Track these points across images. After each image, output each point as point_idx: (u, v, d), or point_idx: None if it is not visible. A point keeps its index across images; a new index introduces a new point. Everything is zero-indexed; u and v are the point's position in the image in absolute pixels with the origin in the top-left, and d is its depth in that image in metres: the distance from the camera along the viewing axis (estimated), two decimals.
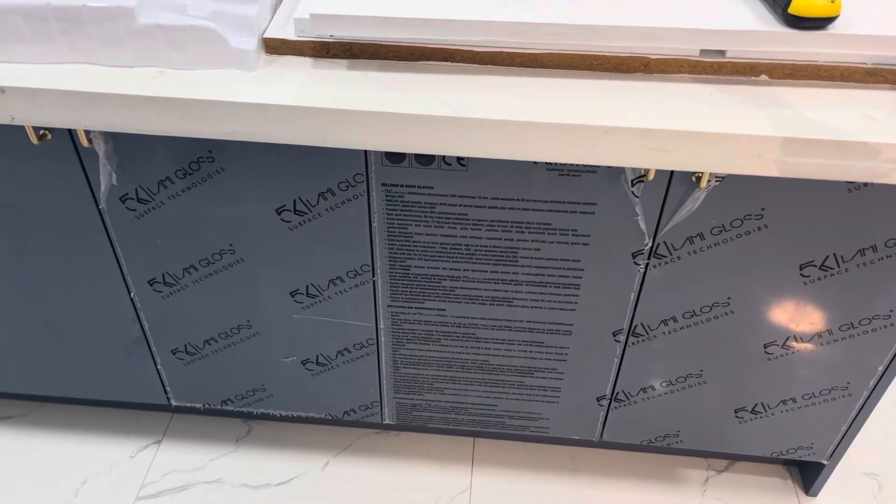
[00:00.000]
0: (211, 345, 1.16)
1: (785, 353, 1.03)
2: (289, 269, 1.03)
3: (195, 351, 1.18)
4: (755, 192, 0.86)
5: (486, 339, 1.09)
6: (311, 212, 0.95)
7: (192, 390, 1.25)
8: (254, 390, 1.23)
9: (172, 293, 1.09)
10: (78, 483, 1.27)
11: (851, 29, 0.66)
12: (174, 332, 1.15)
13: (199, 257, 1.04)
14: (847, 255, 0.91)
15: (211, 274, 1.05)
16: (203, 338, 1.15)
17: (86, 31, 0.68)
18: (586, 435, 1.22)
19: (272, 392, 1.23)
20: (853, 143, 0.64)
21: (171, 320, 1.13)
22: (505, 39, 0.69)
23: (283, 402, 1.24)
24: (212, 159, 0.91)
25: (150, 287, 1.09)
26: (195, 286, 1.08)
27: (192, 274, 1.06)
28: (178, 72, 0.70)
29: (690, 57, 0.69)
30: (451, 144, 0.67)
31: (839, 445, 1.15)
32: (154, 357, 1.19)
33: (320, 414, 1.25)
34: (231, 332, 1.14)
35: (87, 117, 0.69)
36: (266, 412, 1.27)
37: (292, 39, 0.71)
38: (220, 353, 1.17)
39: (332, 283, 1.04)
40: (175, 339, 1.17)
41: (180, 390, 1.25)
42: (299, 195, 0.94)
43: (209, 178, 0.93)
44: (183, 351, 1.18)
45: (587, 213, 0.91)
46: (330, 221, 0.96)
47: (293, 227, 0.98)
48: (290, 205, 0.95)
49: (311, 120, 0.67)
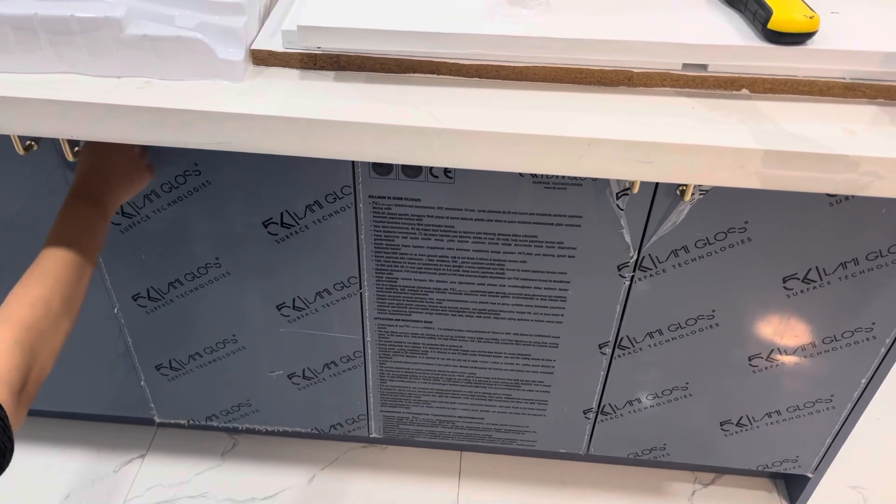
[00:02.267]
0: (196, 360, 1.16)
1: (769, 365, 1.04)
2: (275, 282, 1.03)
3: (180, 366, 1.17)
4: (739, 205, 0.87)
5: (473, 352, 1.09)
6: (297, 224, 0.95)
7: (177, 406, 1.24)
8: (239, 405, 1.22)
9: (157, 308, 1.09)
10: (61, 498, 1.26)
11: (830, 44, 0.67)
12: (159, 347, 1.15)
13: (184, 271, 1.03)
14: (829, 268, 0.92)
15: (196, 288, 1.05)
16: (188, 353, 1.15)
17: (73, 42, 0.68)
18: (573, 448, 1.22)
19: (258, 407, 1.22)
20: (833, 156, 0.65)
21: (156, 335, 1.12)
22: (491, 53, 0.70)
23: (269, 416, 1.24)
24: (198, 172, 0.91)
25: (134, 302, 1.08)
26: (180, 300, 1.07)
27: (177, 288, 1.06)
28: (166, 82, 0.70)
29: (673, 71, 0.70)
30: (437, 156, 0.68)
31: (824, 458, 1.16)
32: (138, 372, 1.18)
33: (307, 428, 1.25)
34: (216, 346, 1.13)
35: (75, 127, 0.69)
36: (252, 427, 1.26)
37: (280, 51, 0.71)
38: (204, 368, 1.17)
39: (319, 296, 1.04)
40: (159, 354, 1.16)
41: (164, 407, 1.24)
42: (286, 208, 0.94)
43: (195, 192, 0.93)
44: (167, 366, 1.17)
45: (573, 225, 0.92)
46: (317, 234, 0.96)
47: (280, 240, 0.98)
48: (277, 217, 0.95)
49: (297, 130, 0.67)
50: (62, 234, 0.78)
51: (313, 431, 1.25)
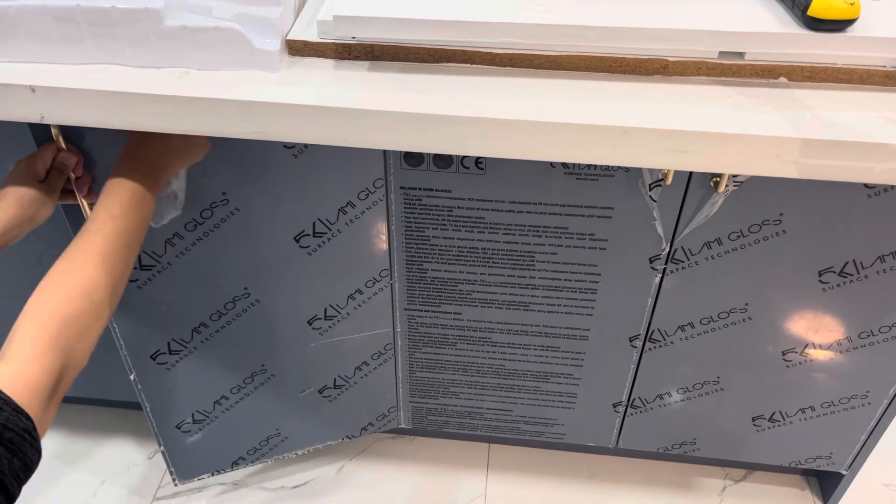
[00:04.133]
0: (221, 404, 1.13)
1: (803, 360, 1.03)
2: (307, 296, 1.02)
3: (203, 417, 1.14)
4: (773, 197, 0.86)
5: (502, 344, 1.09)
6: (330, 230, 0.95)
7: (198, 462, 1.21)
8: (267, 438, 1.20)
9: (179, 360, 1.06)
10: (96, 483, 1.29)
11: (871, 31, 0.66)
12: (180, 406, 1.11)
13: (210, 311, 1.01)
14: (867, 262, 0.90)
15: (224, 326, 1.04)
16: (213, 399, 1.12)
17: (114, 33, 0.70)
18: (602, 441, 1.21)
19: (287, 434, 1.20)
20: (872, 145, 0.64)
21: (178, 393, 1.08)
22: (524, 41, 0.70)
23: (299, 440, 1.22)
24: (226, 201, 0.91)
25: (153, 361, 1.05)
26: (206, 344, 1.05)
27: (202, 332, 1.03)
28: (204, 72, 0.71)
29: (709, 59, 0.69)
30: (470, 145, 0.68)
31: (858, 455, 1.14)
32: (157, 437, 1.15)
33: (337, 439, 1.23)
34: (244, 382, 1.11)
35: (116, 117, 0.71)
36: (281, 457, 1.24)
37: (315, 41, 0.72)
38: (231, 411, 1.14)
39: (351, 298, 1.03)
40: (181, 413, 1.13)
41: (184, 467, 1.21)
42: (319, 216, 0.94)
43: (223, 223, 0.92)
44: (190, 421, 1.14)
45: (604, 217, 0.92)
46: (350, 235, 0.96)
47: (312, 251, 0.97)
48: (310, 228, 0.95)
49: (332, 120, 0.68)
50: (109, 210, 0.71)
51: (344, 440, 1.24)
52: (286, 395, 1.14)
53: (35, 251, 1.03)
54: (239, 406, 1.14)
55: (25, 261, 1.05)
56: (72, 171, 0.83)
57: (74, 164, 0.82)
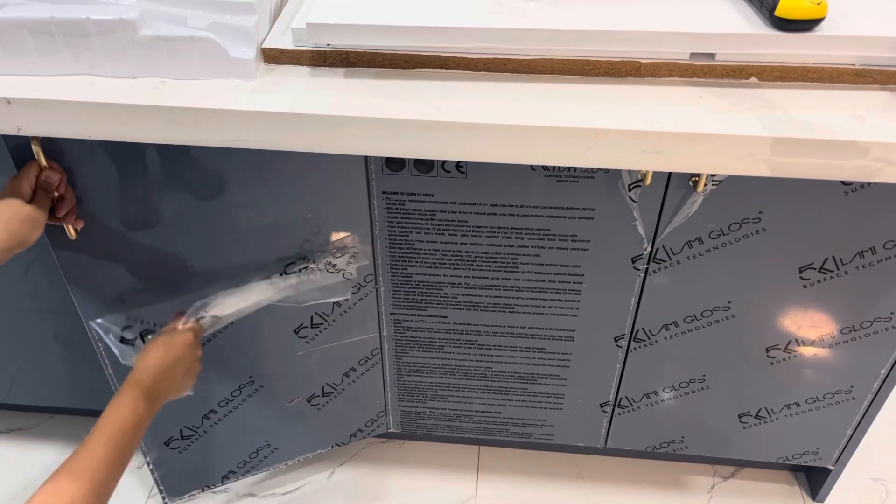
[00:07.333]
0: (210, 418, 1.13)
1: (787, 356, 1.03)
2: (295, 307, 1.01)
3: (192, 432, 1.14)
4: (752, 195, 0.87)
5: (489, 346, 1.09)
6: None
7: (189, 479, 1.21)
8: (257, 451, 1.20)
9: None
10: None
11: (839, 30, 0.67)
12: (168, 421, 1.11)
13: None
14: (846, 258, 0.91)
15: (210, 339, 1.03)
16: (201, 413, 1.12)
17: (89, 44, 0.70)
18: (591, 441, 1.21)
19: (277, 445, 1.20)
20: (843, 143, 0.64)
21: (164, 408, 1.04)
22: (498, 46, 0.70)
23: (289, 451, 1.22)
24: None
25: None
26: None
27: None
28: (180, 82, 0.72)
29: (681, 60, 0.70)
30: (446, 149, 0.69)
31: (845, 450, 1.15)
32: (144, 455, 1.15)
33: (327, 447, 1.23)
34: (232, 394, 1.11)
35: (93, 127, 0.71)
36: (271, 468, 1.24)
37: (290, 49, 0.73)
38: (219, 424, 1.14)
39: (337, 304, 1.03)
40: (169, 429, 1.12)
41: (174, 483, 1.20)
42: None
43: None
44: (178, 437, 1.14)
45: (586, 218, 0.92)
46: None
47: None
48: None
49: (309, 126, 0.69)
50: (108, 431, 0.75)
51: (334, 448, 1.24)
52: (275, 405, 1.14)
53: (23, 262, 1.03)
54: (227, 419, 1.14)
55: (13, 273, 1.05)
56: (55, 191, 0.83)
57: (58, 182, 0.82)
